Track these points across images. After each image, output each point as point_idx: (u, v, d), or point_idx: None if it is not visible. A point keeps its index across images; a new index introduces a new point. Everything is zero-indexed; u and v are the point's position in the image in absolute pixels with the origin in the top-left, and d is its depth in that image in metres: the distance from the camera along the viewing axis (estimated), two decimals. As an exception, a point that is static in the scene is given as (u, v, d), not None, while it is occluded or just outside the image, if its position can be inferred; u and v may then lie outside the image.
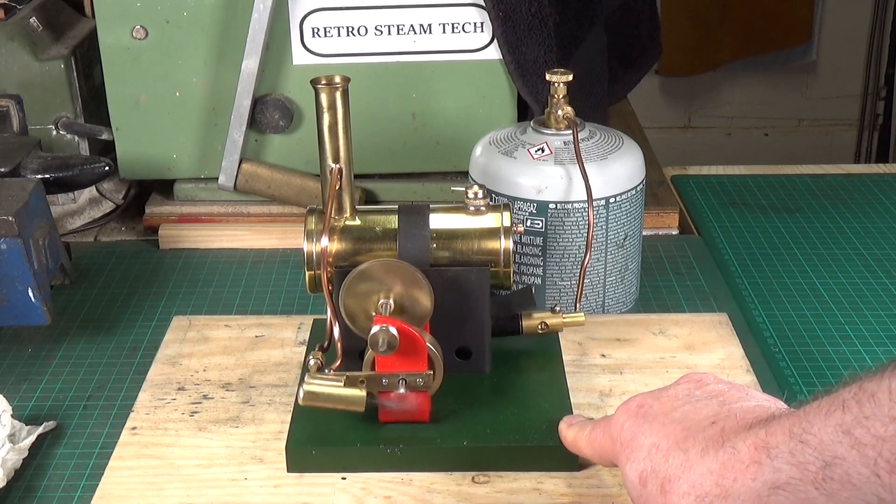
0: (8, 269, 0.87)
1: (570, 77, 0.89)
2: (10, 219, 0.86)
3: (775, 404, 0.63)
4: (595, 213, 0.88)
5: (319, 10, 1.07)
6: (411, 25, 1.07)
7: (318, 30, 1.08)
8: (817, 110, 3.28)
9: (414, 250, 0.78)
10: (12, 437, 0.78)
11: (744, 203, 1.21)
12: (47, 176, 1.00)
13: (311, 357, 0.74)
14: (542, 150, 0.90)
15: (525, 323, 0.83)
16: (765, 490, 0.56)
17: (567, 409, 0.77)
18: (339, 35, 1.08)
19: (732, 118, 3.29)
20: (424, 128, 1.12)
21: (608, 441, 0.67)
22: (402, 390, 0.73)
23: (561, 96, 0.90)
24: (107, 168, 1.04)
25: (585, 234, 0.88)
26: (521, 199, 0.89)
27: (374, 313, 0.74)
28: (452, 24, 1.07)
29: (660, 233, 1.15)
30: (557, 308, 0.84)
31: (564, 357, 0.84)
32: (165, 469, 0.74)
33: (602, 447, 0.68)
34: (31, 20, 1.14)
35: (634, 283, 0.95)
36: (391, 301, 0.74)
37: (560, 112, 0.90)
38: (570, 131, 0.89)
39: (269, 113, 1.09)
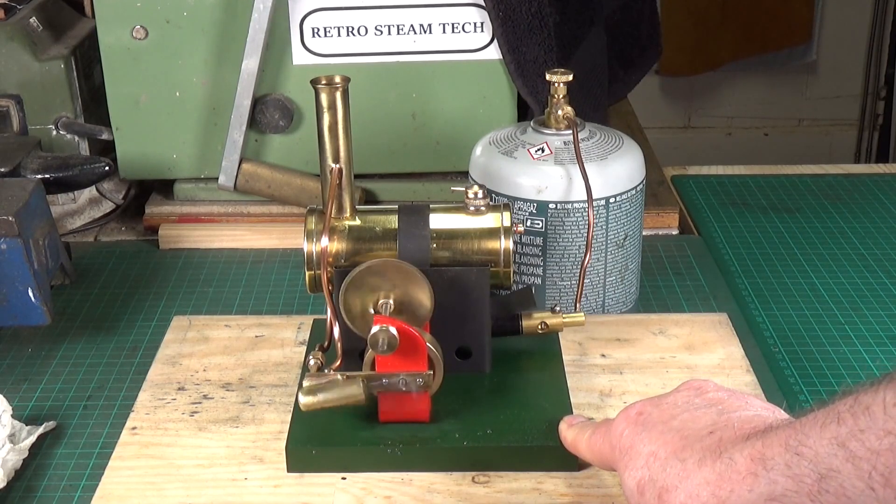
0: (8, 269, 0.87)
1: (570, 77, 0.89)
2: (10, 219, 0.86)
3: (774, 414, 0.63)
4: (595, 213, 0.88)
5: (319, 10, 1.07)
6: (411, 25, 1.07)
7: (318, 30, 1.08)
8: (817, 110, 3.28)
9: (414, 250, 0.78)
10: (12, 437, 0.78)
11: (744, 203, 1.21)
12: (47, 176, 1.00)
13: (311, 357, 0.74)
14: (542, 150, 0.90)
15: (525, 323, 0.83)
16: (760, 502, 0.56)
17: (567, 409, 0.77)
18: (339, 35, 1.08)
19: (732, 118, 3.29)
20: (424, 128, 1.12)
21: (607, 447, 0.67)
22: (402, 390, 0.73)
23: (561, 96, 0.90)
24: (107, 168, 1.04)
25: (585, 234, 0.88)
26: (521, 199, 0.89)
27: (374, 313, 0.74)
28: (452, 24, 1.07)
29: (660, 233, 1.15)
30: (557, 308, 0.84)
31: (564, 357, 0.84)
32: (165, 469, 0.74)
33: (601, 453, 0.68)
34: (31, 20, 1.14)
35: (634, 283, 0.95)
36: (391, 301, 0.74)
37: (560, 112, 0.90)
38: (570, 131, 0.89)
39: (269, 113, 1.09)
